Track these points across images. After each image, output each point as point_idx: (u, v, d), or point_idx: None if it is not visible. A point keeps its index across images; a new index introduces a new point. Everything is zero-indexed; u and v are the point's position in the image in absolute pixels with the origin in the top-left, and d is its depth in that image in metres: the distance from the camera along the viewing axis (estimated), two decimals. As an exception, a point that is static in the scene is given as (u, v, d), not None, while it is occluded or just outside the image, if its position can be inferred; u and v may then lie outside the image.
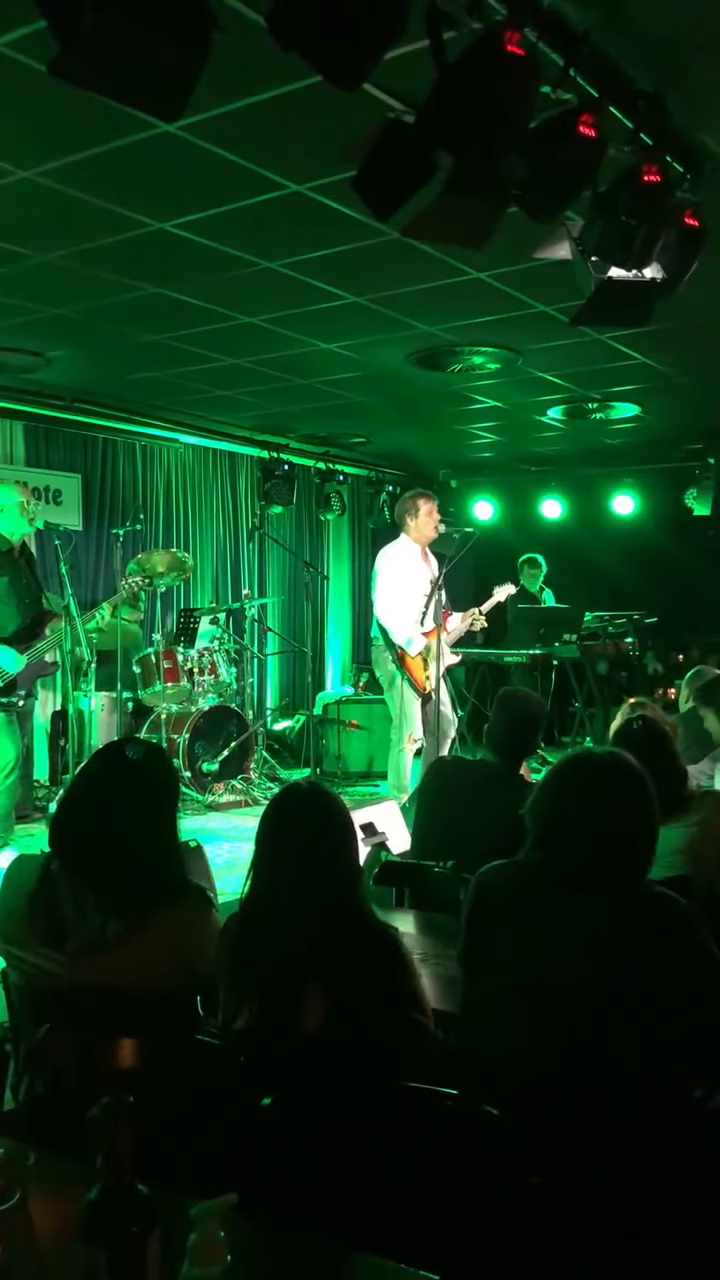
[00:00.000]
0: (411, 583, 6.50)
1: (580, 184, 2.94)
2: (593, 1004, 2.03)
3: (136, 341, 6.50)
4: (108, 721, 7.47)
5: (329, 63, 2.19)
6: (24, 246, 4.90)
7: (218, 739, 7.97)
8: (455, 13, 2.59)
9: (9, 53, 3.24)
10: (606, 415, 8.58)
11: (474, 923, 2.23)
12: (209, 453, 9.84)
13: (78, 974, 2.28)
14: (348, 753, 9.13)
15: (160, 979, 2.30)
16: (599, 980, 2.03)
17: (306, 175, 4.11)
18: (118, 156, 3.92)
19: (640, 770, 2.23)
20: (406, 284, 5.39)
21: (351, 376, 7.40)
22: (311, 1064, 2.01)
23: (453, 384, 7.56)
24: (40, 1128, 2.17)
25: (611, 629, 9.04)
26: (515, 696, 4.07)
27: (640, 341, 6.37)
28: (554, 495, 11.03)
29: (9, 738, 5.99)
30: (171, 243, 4.78)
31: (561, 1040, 2.00)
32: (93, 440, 8.78)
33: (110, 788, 2.43)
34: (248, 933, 2.23)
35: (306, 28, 2.10)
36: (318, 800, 2.28)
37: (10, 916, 2.43)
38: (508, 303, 5.63)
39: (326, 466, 10.48)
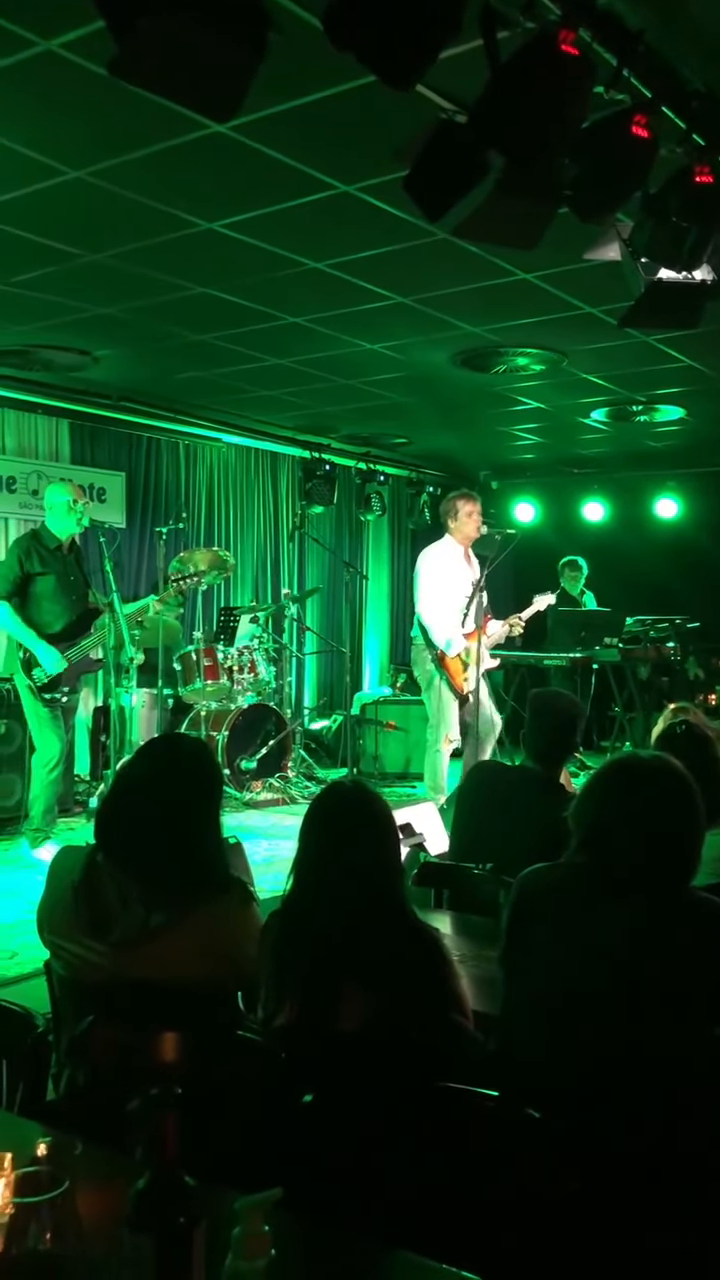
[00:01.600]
0: (453, 583, 6.49)
1: (632, 185, 2.92)
2: (635, 1008, 2.01)
3: (182, 341, 6.54)
4: (148, 718, 7.52)
5: (384, 63, 2.19)
6: (74, 246, 4.95)
7: (256, 737, 8.00)
8: (509, 12, 2.58)
9: (63, 53, 3.27)
10: (650, 418, 8.51)
11: (516, 925, 2.23)
12: (251, 452, 9.89)
13: (120, 966, 2.30)
14: (385, 753, 9.13)
15: (202, 973, 2.31)
16: (641, 984, 2.02)
17: (355, 176, 4.11)
18: (168, 156, 3.95)
19: (686, 774, 2.21)
20: (453, 285, 5.39)
21: (395, 377, 7.40)
22: (352, 1062, 2.02)
23: (496, 385, 7.54)
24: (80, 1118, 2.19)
25: (653, 633, 8.95)
26: (549, 700, 3.94)
27: (686, 344, 6.32)
28: (596, 498, 10.97)
29: (53, 733, 6.05)
30: (219, 243, 4.81)
31: (603, 1044, 1.99)
32: (137, 439, 8.85)
33: (156, 782, 2.45)
34: (290, 930, 2.24)
35: (362, 28, 2.11)
36: (361, 799, 2.28)
37: (55, 907, 2.45)
38: (554, 304, 5.60)
39: (367, 467, 10.48)
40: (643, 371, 7.12)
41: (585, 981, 2.01)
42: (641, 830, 2.11)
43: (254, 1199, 1.32)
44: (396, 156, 2.83)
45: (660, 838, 2.11)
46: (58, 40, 3.19)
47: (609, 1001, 1.99)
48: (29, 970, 4.20)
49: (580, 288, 5.33)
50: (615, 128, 2.79)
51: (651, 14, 3.00)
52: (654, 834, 2.11)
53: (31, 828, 6.11)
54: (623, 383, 7.49)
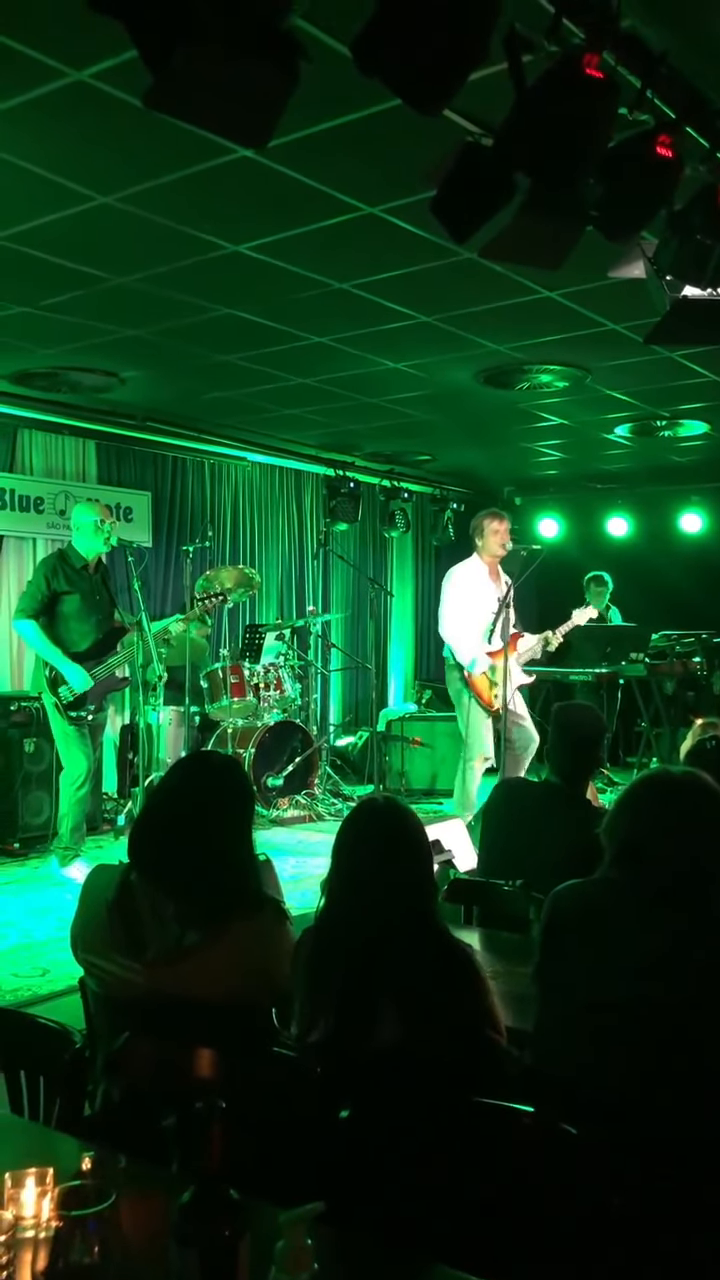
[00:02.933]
0: (477, 601, 6.49)
1: (657, 204, 2.94)
2: (669, 1024, 2.01)
3: (208, 362, 6.60)
4: (175, 735, 7.56)
5: (411, 89, 2.23)
6: (102, 269, 5.02)
7: (282, 754, 8.03)
8: (534, 36, 2.61)
9: (93, 83, 3.33)
10: (675, 433, 8.51)
11: (550, 941, 2.23)
12: (275, 470, 9.95)
13: (155, 983, 2.32)
14: (411, 770, 9.13)
15: (236, 989, 2.33)
16: (675, 1000, 2.02)
17: (380, 197, 4.16)
18: (196, 181, 4.00)
19: (718, 789, 2.22)
20: (476, 303, 5.42)
21: (418, 395, 7.44)
22: (387, 1078, 2.02)
23: (520, 402, 7.56)
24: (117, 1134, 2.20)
25: (679, 648, 8.92)
26: (572, 715, 3.91)
27: (711, 359, 6.32)
28: (620, 513, 10.95)
29: (80, 751, 6.10)
30: (245, 265, 4.86)
31: (638, 1060, 1.99)
32: (162, 458, 8.93)
33: (189, 799, 2.47)
34: (324, 946, 2.25)
35: (390, 54, 2.14)
36: (395, 814, 2.30)
37: (89, 925, 2.48)
38: (578, 321, 5.62)
39: (391, 484, 10.53)
40: (666, 387, 7.12)
41: (620, 997, 2.01)
42: (675, 844, 2.12)
43: (296, 1213, 1.33)
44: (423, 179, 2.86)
45: (694, 851, 2.12)
46: (88, 71, 3.25)
47: (643, 1017, 1.99)
48: (62, 988, 4.23)
49: (604, 305, 5.35)
50: (640, 148, 2.81)
51: (673, 36, 3.03)
52: (687, 848, 2.11)
53: (60, 846, 6.15)
54: (646, 398, 7.49)
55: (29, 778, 6.92)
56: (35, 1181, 1.57)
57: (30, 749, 6.93)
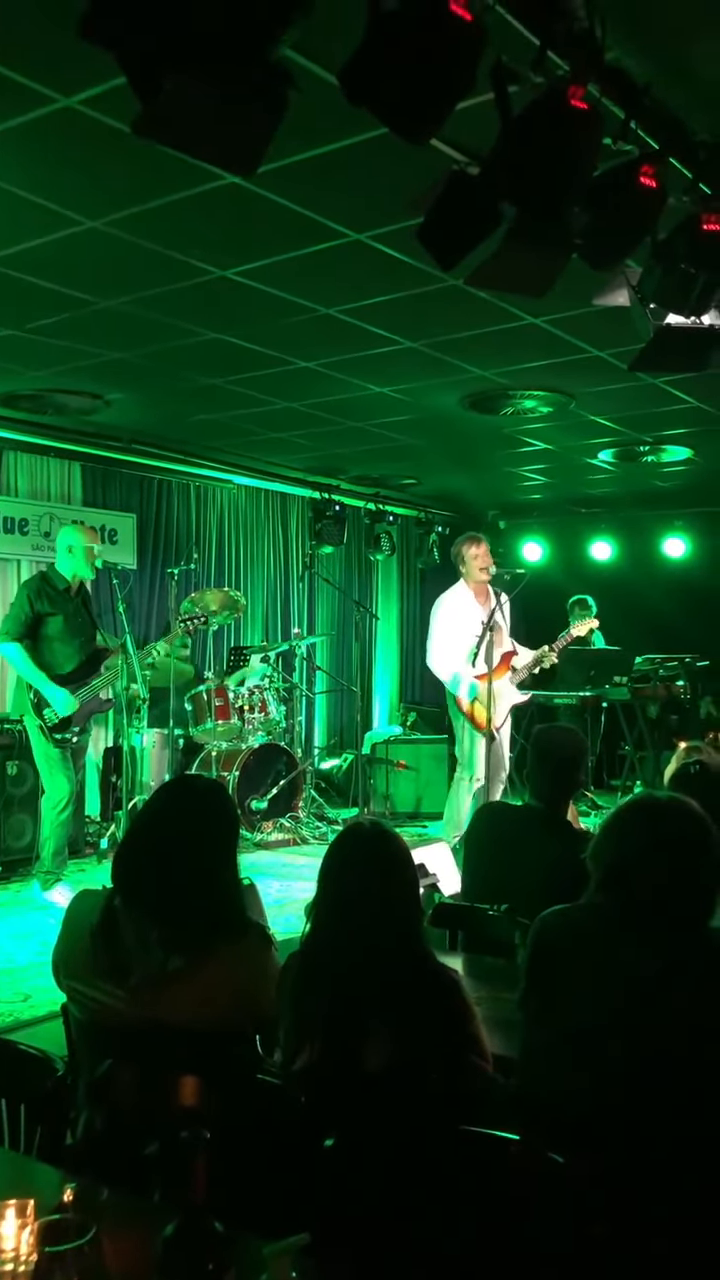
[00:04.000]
0: (463, 627, 6.50)
1: (641, 233, 2.97)
2: (656, 1049, 2.00)
3: (194, 385, 6.62)
4: (159, 758, 7.53)
5: (399, 118, 2.25)
6: (88, 293, 5.03)
7: (267, 777, 8.00)
8: (519, 68, 2.64)
9: (82, 109, 3.35)
10: (658, 458, 8.57)
11: (536, 967, 2.22)
12: (261, 493, 9.97)
13: (139, 1009, 2.30)
14: (395, 793, 9.11)
15: (220, 1016, 2.31)
16: (662, 1026, 2.01)
17: (366, 224, 4.19)
18: (183, 207, 4.02)
19: (702, 814, 2.22)
20: (462, 329, 5.46)
21: (404, 420, 7.48)
22: (373, 1106, 2.01)
23: (504, 427, 7.61)
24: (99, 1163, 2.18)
25: (663, 672, 8.96)
26: (552, 738, 3.91)
27: (693, 385, 6.38)
28: (604, 537, 11.01)
29: (62, 773, 6.06)
30: (232, 290, 4.88)
31: (625, 1086, 1.98)
32: (148, 481, 8.93)
33: (174, 824, 2.45)
34: (309, 972, 2.24)
35: (378, 83, 2.16)
36: (382, 839, 2.29)
37: (72, 951, 2.45)
38: (563, 348, 5.67)
39: (377, 507, 10.56)
40: (650, 413, 7.18)
41: (606, 1022, 2.01)
42: (657, 870, 2.12)
43: (281, 1245, 1.32)
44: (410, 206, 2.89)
45: (677, 877, 2.12)
46: (77, 97, 3.27)
47: (630, 1042, 1.98)
48: (44, 1013, 4.18)
49: (588, 332, 5.39)
50: (624, 178, 2.84)
51: (656, 69, 3.07)
52: (670, 873, 2.11)
53: (43, 870, 6.10)
54: (630, 424, 7.55)
55: (11, 801, 6.88)
56: (15, 1214, 1.55)
57: (13, 771, 6.89)
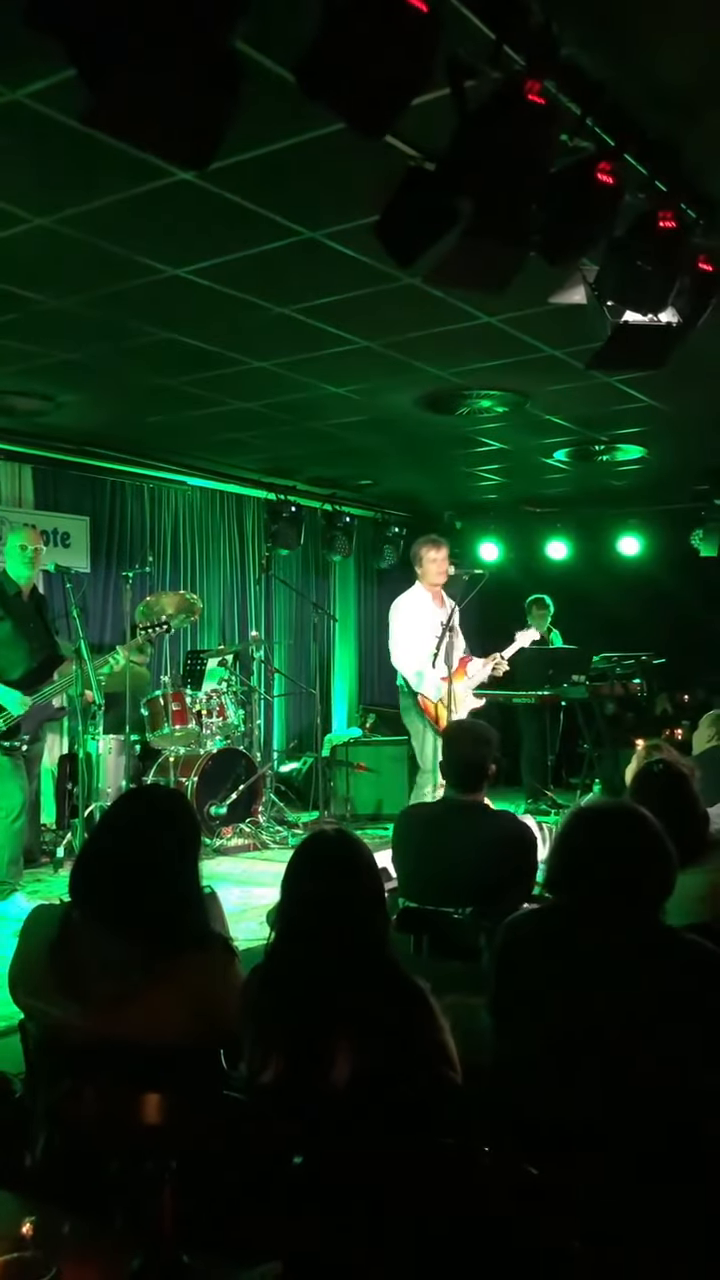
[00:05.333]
0: (422, 628, 6.49)
1: (599, 229, 2.96)
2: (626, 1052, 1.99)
3: (147, 385, 6.53)
4: (115, 764, 7.42)
5: (356, 112, 2.21)
6: (37, 292, 4.94)
7: (226, 782, 7.92)
8: (475, 62, 2.62)
9: (30, 104, 3.28)
10: (612, 457, 8.61)
11: (503, 972, 2.20)
12: (216, 495, 9.88)
13: (99, 1026, 2.24)
14: (356, 795, 9.07)
15: (183, 1030, 2.25)
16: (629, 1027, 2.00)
17: (321, 222, 4.14)
18: (134, 204, 3.95)
19: (643, 812, 2.25)
20: (417, 329, 5.43)
21: (360, 420, 7.44)
22: (341, 1121, 1.96)
23: (460, 427, 7.60)
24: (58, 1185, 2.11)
25: (620, 670, 9.00)
26: (463, 728, 4.12)
27: (647, 384, 6.41)
28: (559, 536, 11.05)
29: (14, 782, 5.94)
30: (185, 288, 4.82)
31: (597, 1091, 1.96)
32: (101, 483, 8.82)
33: (133, 835, 2.39)
34: (273, 983, 2.19)
35: (335, 77, 2.12)
36: (346, 847, 2.25)
37: (29, 967, 2.39)
38: (518, 347, 5.66)
39: (333, 508, 10.51)
40: (604, 412, 7.20)
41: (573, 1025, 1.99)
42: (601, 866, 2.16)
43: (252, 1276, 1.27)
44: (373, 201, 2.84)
45: (620, 872, 2.14)
46: (24, 91, 3.20)
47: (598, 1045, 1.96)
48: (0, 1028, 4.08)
49: (543, 331, 5.39)
50: (581, 174, 2.83)
51: (612, 66, 3.06)
52: (612, 868, 2.15)
53: (-4, 880, 5.97)
54: (585, 423, 7.57)
55: (-36, 810, 6.72)
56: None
57: (-35, 781, 6.74)
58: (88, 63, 1.94)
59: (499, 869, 3.57)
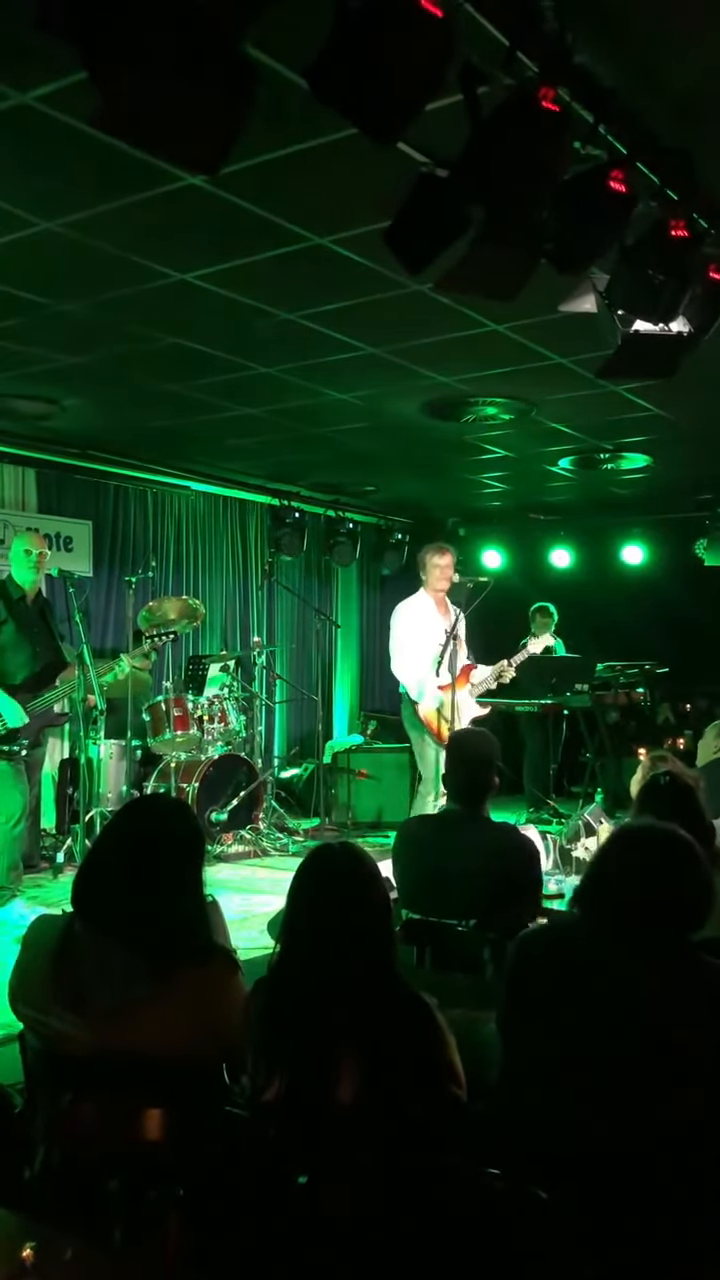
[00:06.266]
0: (425, 635, 6.46)
1: (610, 237, 2.94)
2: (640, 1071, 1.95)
3: (152, 391, 6.51)
4: (116, 769, 7.39)
5: (368, 118, 2.19)
6: (43, 296, 4.92)
7: (227, 788, 7.88)
8: (488, 69, 2.60)
9: (38, 106, 3.26)
10: (617, 465, 8.59)
11: (514, 988, 2.17)
12: (219, 500, 9.86)
13: (100, 1039, 2.21)
14: (357, 803, 9.02)
15: (185, 1044, 2.22)
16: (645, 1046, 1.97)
17: (329, 228, 4.12)
18: (142, 208, 3.93)
19: (684, 836, 2.20)
20: (424, 336, 5.41)
21: (364, 426, 7.42)
22: (347, 1139, 1.93)
23: (464, 434, 7.58)
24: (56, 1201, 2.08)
25: (623, 679, 8.98)
26: (466, 740, 4.03)
27: (654, 393, 6.39)
28: (563, 544, 11.03)
29: (14, 788, 5.91)
30: (192, 294, 4.80)
31: (609, 1111, 1.92)
32: (104, 487, 8.80)
33: (135, 846, 2.36)
34: (278, 998, 2.16)
35: (347, 83, 2.10)
36: (353, 862, 2.22)
37: (30, 978, 2.36)
38: (525, 355, 5.64)
39: (336, 514, 10.49)
40: (610, 420, 7.18)
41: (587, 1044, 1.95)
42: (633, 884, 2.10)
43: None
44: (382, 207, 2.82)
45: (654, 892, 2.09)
46: (33, 93, 3.18)
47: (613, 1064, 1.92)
48: None
49: (551, 339, 5.37)
50: (593, 182, 2.81)
51: (624, 73, 3.04)
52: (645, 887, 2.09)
53: (-4, 886, 5.94)
54: (590, 431, 7.55)
55: (-36, 815, 6.69)
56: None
57: (-35, 785, 6.71)
58: (99, 66, 1.92)
59: (502, 882, 3.54)
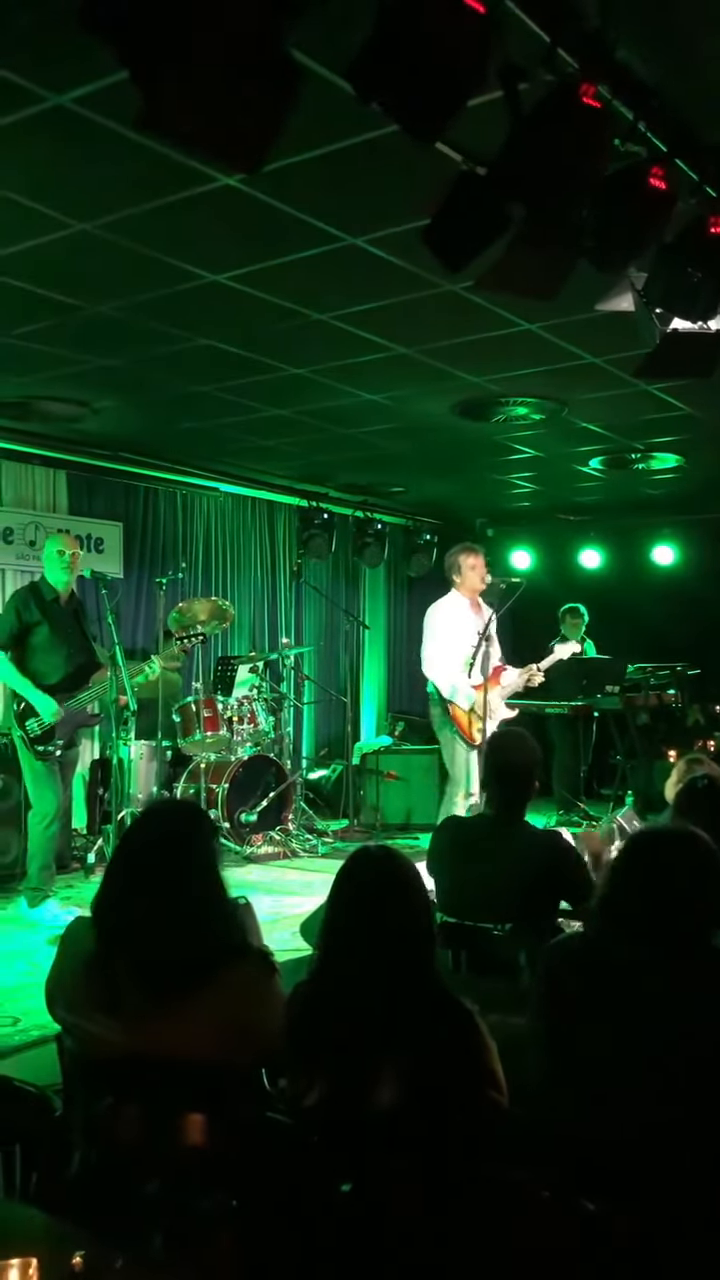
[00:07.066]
0: (458, 635, 6.42)
1: (650, 235, 2.91)
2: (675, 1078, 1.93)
3: (182, 392, 6.52)
4: (147, 770, 7.41)
5: (410, 115, 2.17)
6: (77, 298, 4.93)
7: (256, 789, 7.88)
8: (528, 65, 2.57)
9: (74, 108, 3.26)
10: (648, 465, 8.52)
11: (548, 995, 2.14)
12: (248, 501, 9.88)
13: (137, 1043, 2.20)
14: (385, 804, 9.00)
15: (223, 1047, 2.20)
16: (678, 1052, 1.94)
17: (363, 228, 4.11)
18: (176, 209, 3.93)
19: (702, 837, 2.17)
20: (456, 336, 5.38)
21: (393, 427, 7.40)
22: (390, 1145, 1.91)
23: (494, 434, 7.54)
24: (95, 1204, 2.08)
25: (654, 680, 8.90)
26: (504, 746, 3.88)
27: (688, 392, 6.33)
28: (593, 545, 10.96)
29: (49, 788, 5.94)
30: (225, 295, 4.79)
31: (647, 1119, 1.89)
32: (134, 489, 8.83)
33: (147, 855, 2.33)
34: (319, 1003, 2.14)
35: (390, 79, 2.09)
36: (393, 867, 2.20)
37: (66, 982, 2.35)
38: (558, 354, 5.60)
39: (364, 515, 10.48)
40: (642, 420, 7.13)
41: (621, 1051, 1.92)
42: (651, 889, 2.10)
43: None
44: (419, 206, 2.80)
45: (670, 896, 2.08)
46: (70, 95, 3.18)
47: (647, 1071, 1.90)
48: (34, 1038, 4.05)
49: (584, 338, 5.33)
50: (634, 179, 2.78)
51: (665, 69, 3.01)
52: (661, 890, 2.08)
53: (29, 886, 5.97)
54: (621, 431, 7.50)
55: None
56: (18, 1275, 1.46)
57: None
58: (141, 64, 1.91)
59: (540, 885, 3.51)
